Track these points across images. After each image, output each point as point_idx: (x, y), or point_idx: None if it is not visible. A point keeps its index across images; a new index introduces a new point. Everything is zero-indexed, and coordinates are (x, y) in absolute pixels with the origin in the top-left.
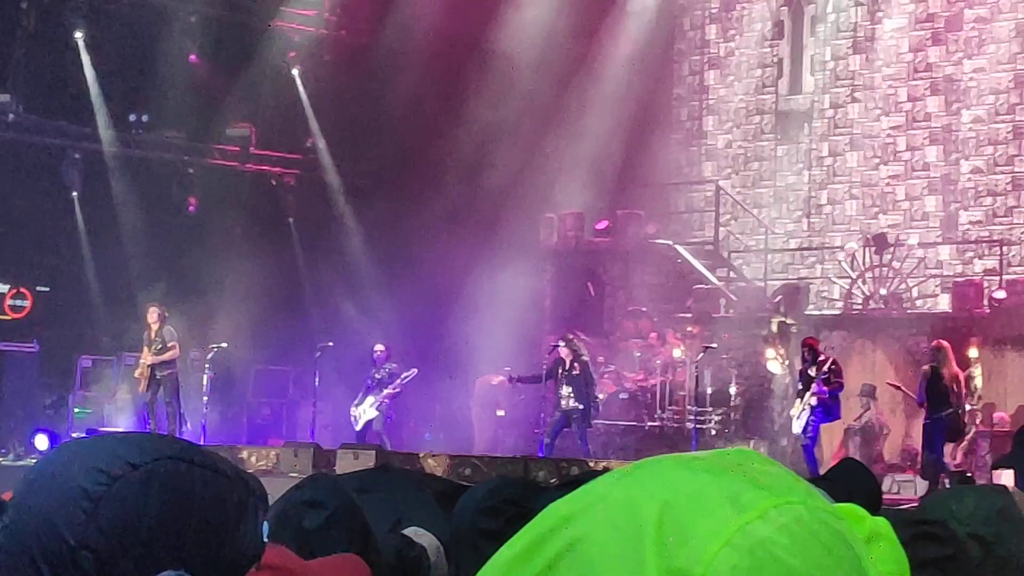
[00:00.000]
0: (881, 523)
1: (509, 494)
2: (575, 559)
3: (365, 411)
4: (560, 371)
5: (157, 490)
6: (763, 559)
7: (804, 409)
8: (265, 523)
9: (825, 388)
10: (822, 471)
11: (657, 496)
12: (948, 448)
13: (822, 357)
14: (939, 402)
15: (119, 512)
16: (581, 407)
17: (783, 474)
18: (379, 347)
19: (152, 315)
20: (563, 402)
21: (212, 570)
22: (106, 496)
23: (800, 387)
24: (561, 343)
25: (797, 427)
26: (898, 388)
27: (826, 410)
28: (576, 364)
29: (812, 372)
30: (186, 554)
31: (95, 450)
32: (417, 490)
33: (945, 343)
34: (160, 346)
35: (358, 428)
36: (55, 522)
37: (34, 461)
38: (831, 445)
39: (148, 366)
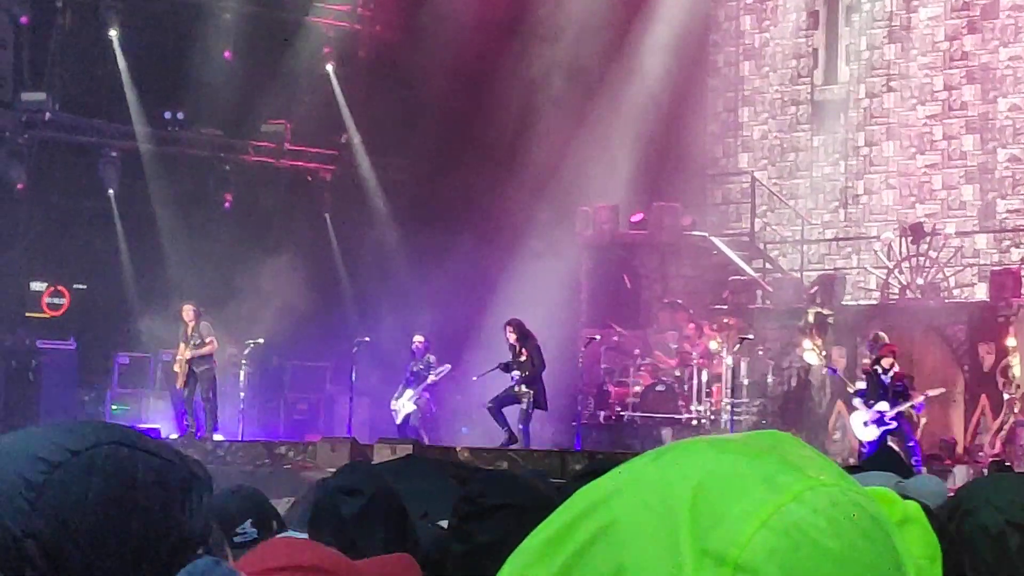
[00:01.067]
0: (913, 507)
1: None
2: (608, 542)
3: (404, 405)
4: (512, 359)
5: (99, 475)
6: (799, 540)
7: (879, 422)
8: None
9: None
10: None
11: (690, 477)
12: (987, 437)
13: (898, 369)
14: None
15: (61, 499)
16: (529, 391)
17: (816, 457)
18: (418, 339)
19: (188, 313)
20: (515, 387)
21: (158, 553)
22: (47, 484)
23: (863, 388)
24: (507, 328)
25: (867, 436)
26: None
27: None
28: (523, 350)
29: (887, 380)
30: (131, 538)
31: (34, 440)
32: (443, 479)
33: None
34: (198, 341)
35: (398, 422)
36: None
37: None
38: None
39: (186, 361)
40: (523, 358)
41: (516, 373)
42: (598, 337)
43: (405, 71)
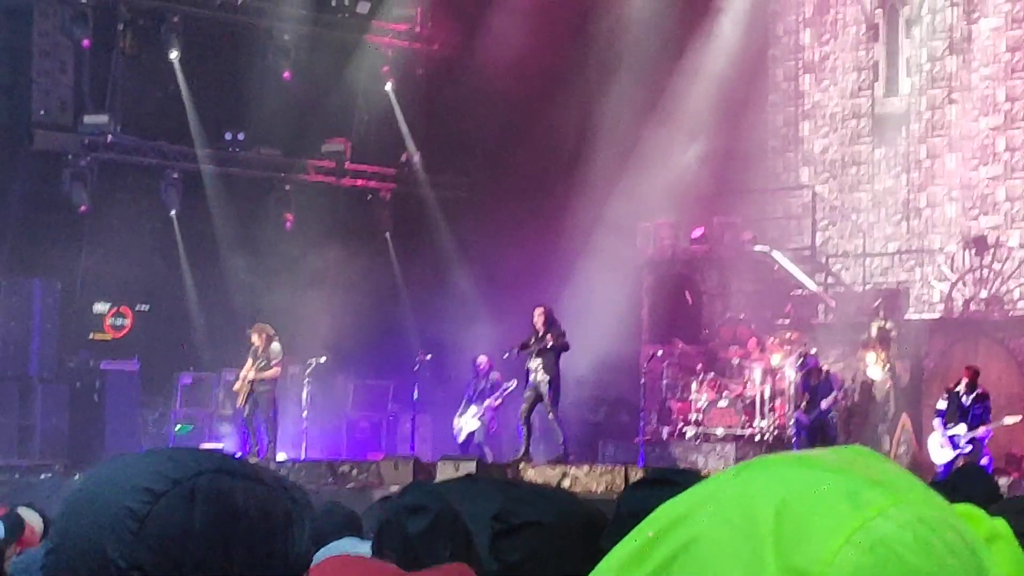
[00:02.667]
0: (1000, 524)
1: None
2: (691, 558)
3: (467, 422)
4: (532, 340)
5: (202, 504)
6: (886, 557)
7: (953, 446)
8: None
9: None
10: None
11: (773, 494)
12: None
13: (980, 390)
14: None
15: (166, 529)
16: (547, 377)
17: (900, 472)
18: (482, 358)
19: (256, 336)
20: (532, 375)
21: None
22: (152, 514)
23: (943, 408)
24: (537, 311)
25: (941, 458)
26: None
27: (976, 448)
28: (548, 335)
29: (967, 402)
30: (235, 567)
31: (135, 469)
32: (504, 494)
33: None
34: (264, 363)
35: (461, 439)
36: (102, 544)
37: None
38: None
39: (249, 381)
40: (547, 344)
41: (538, 361)
42: (660, 353)
43: (464, 89)
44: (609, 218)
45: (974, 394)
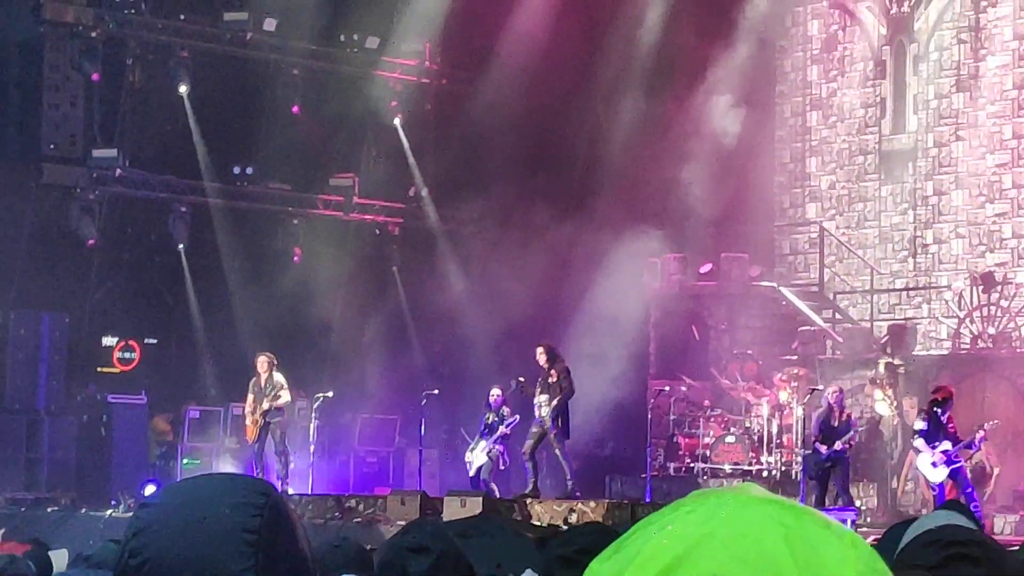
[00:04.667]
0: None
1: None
2: None
3: (477, 457)
4: (539, 378)
5: (284, 513)
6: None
7: (948, 462)
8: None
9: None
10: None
11: (774, 531)
12: None
13: (950, 412)
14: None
15: (274, 536)
16: (555, 415)
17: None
18: (495, 392)
19: (262, 364)
20: (537, 410)
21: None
22: (262, 526)
23: (923, 428)
24: (538, 349)
25: (937, 476)
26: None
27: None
28: (552, 371)
29: (944, 421)
30: (305, 562)
31: (216, 489)
32: (517, 535)
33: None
34: (271, 391)
35: (471, 474)
36: (219, 560)
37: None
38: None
39: (262, 413)
40: (552, 379)
41: (544, 397)
42: (667, 388)
43: (472, 123)
44: (617, 253)
45: (947, 413)
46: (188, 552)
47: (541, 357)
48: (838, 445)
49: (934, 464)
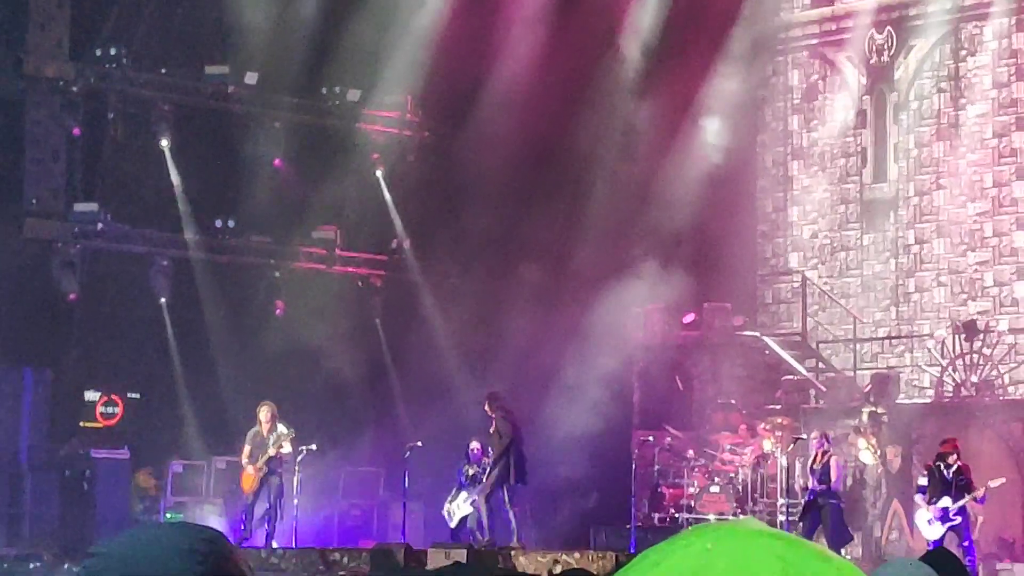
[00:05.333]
0: None
1: None
2: None
3: (459, 507)
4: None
5: (233, 562)
6: None
7: (943, 519)
8: None
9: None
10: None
11: (771, 562)
12: None
13: (960, 463)
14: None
15: None
16: (495, 461)
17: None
18: (474, 444)
19: (264, 414)
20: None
21: None
22: (206, 573)
23: (923, 484)
24: (485, 401)
25: (933, 534)
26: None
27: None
28: (493, 418)
29: (948, 475)
30: None
31: (168, 538)
32: None
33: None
34: (276, 441)
35: (452, 525)
36: None
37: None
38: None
39: (266, 462)
40: (491, 429)
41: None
42: (651, 438)
43: (454, 175)
44: (600, 304)
45: (955, 467)
46: None
47: (486, 407)
48: (811, 484)
49: (929, 521)
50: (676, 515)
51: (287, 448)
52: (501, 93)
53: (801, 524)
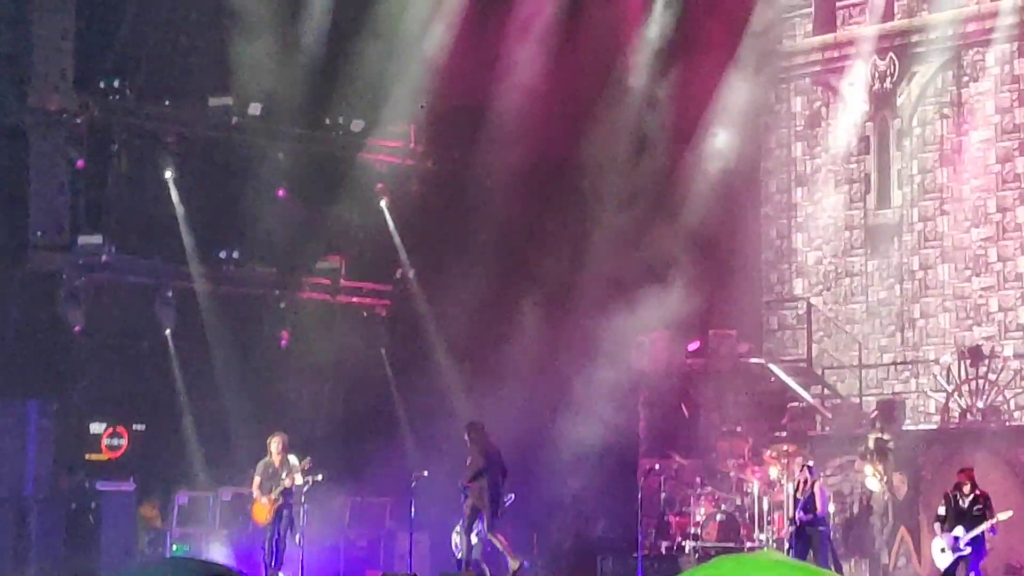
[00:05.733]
0: None
1: None
2: None
3: (466, 538)
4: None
5: None
6: None
7: (954, 548)
8: None
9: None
10: None
11: None
12: None
13: (978, 491)
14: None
15: None
16: (471, 500)
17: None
18: None
19: (276, 444)
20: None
21: None
22: None
23: (941, 514)
24: (465, 431)
25: (943, 562)
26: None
27: (980, 548)
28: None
29: (964, 504)
30: None
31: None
32: None
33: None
34: (287, 473)
35: (460, 556)
36: None
37: None
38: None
39: (280, 493)
40: (468, 461)
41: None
42: (657, 467)
43: (459, 204)
44: (605, 332)
45: (972, 495)
46: None
47: (465, 436)
48: (797, 515)
49: (942, 550)
50: (683, 543)
51: (300, 479)
52: (504, 120)
53: (791, 553)
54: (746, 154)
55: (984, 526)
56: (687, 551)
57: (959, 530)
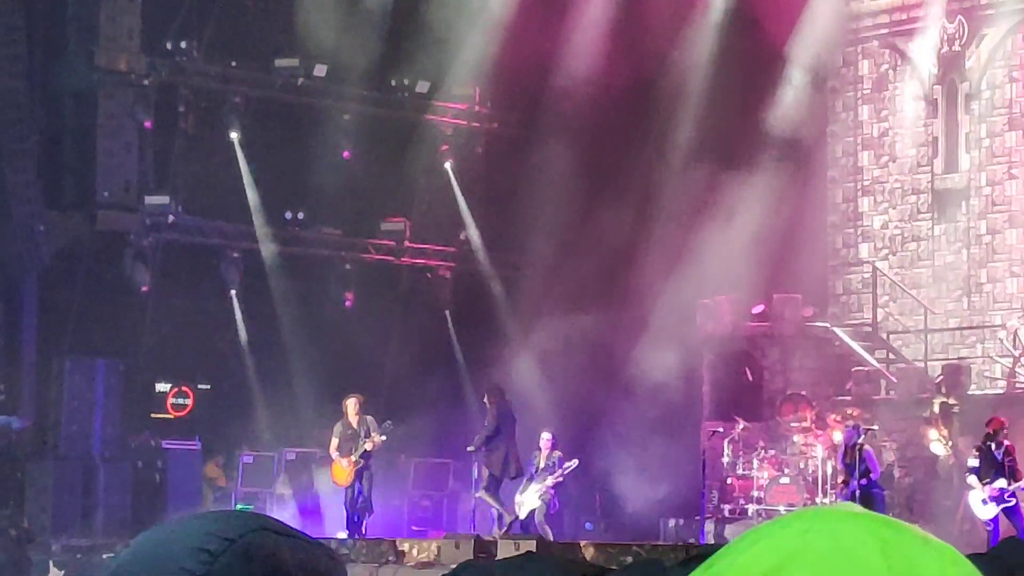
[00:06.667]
0: None
1: None
2: None
3: (528, 499)
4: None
5: (256, 563)
6: None
7: (999, 500)
8: None
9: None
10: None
11: (869, 543)
12: None
13: (1007, 443)
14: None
15: None
16: (482, 459)
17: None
18: (546, 435)
19: (352, 406)
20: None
21: None
22: (211, 573)
23: (975, 465)
24: (485, 393)
25: (987, 514)
26: None
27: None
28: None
29: (999, 456)
30: None
31: (187, 530)
32: (565, 571)
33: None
34: (365, 432)
35: (522, 516)
36: None
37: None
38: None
39: (361, 455)
40: (485, 423)
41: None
42: (721, 430)
43: (523, 166)
44: (670, 295)
45: (1004, 448)
46: None
47: (484, 399)
48: (851, 480)
49: (984, 501)
50: (746, 506)
51: (377, 440)
52: (570, 83)
53: None
54: (812, 119)
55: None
56: (750, 514)
57: (1001, 481)
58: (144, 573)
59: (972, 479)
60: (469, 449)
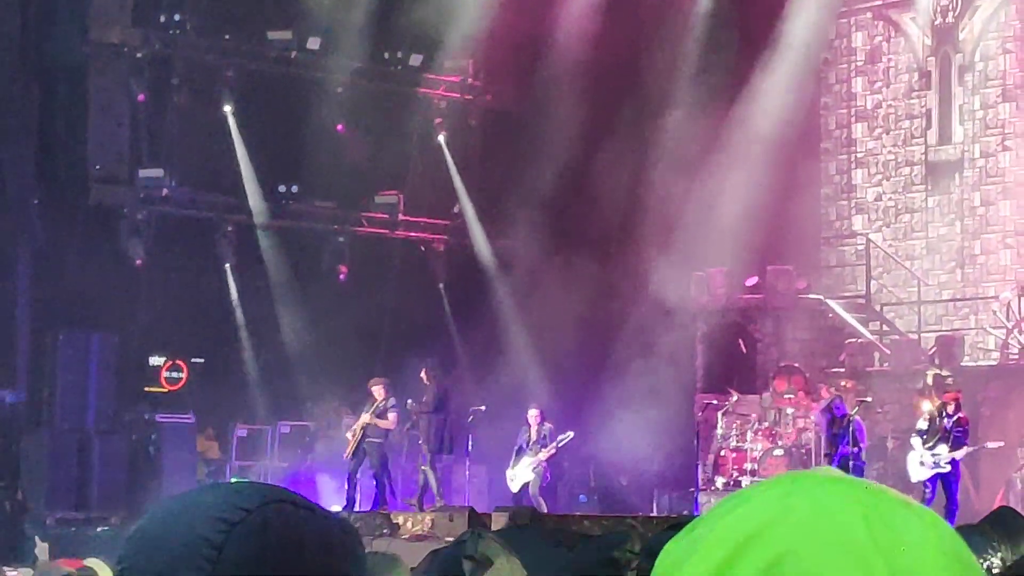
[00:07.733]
0: None
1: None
2: (788, 570)
3: (521, 473)
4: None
5: (273, 533)
6: (967, 565)
7: (935, 465)
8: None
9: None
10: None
11: (850, 509)
12: None
13: (961, 415)
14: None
15: (242, 557)
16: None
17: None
18: (533, 411)
19: (378, 391)
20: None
21: None
22: (228, 543)
23: (923, 428)
24: (422, 369)
25: (920, 475)
26: None
27: (957, 471)
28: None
29: (948, 425)
30: None
31: (205, 500)
32: (554, 545)
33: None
34: (380, 411)
35: (515, 490)
36: (177, 574)
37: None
38: (992, 496)
39: (361, 428)
40: (423, 399)
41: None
42: (714, 402)
43: (517, 139)
44: (663, 267)
45: (955, 417)
46: (150, 567)
47: (422, 374)
48: (839, 448)
49: (920, 463)
50: (739, 479)
51: (387, 421)
52: (563, 55)
53: None
54: (805, 90)
55: (967, 449)
56: (744, 486)
57: (942, 448)
58: (162, 540)
59: (915, 440)
60: (406, 426)
